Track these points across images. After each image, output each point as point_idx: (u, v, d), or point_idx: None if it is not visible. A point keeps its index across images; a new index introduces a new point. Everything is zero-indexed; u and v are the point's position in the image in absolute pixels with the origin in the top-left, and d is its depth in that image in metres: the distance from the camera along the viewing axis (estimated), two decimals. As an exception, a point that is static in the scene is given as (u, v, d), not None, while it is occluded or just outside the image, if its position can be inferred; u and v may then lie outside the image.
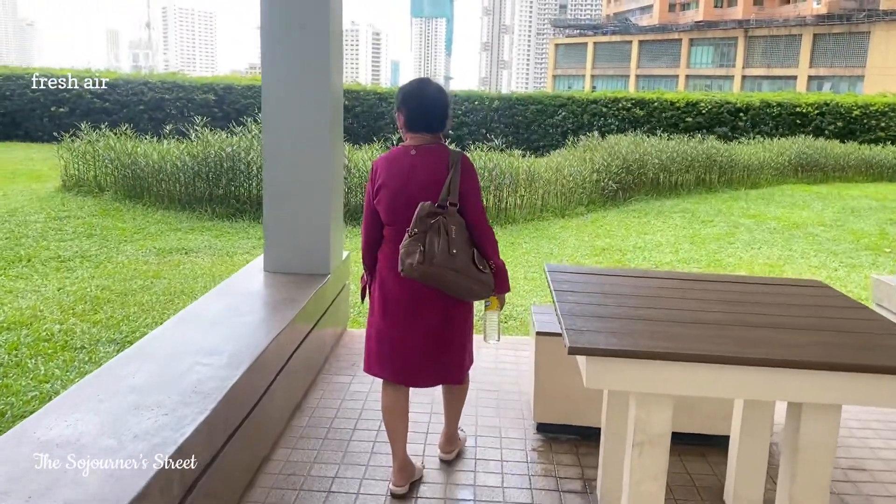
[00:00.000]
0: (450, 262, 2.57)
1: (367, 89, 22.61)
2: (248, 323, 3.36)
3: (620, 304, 2.56)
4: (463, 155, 2.74)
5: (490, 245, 2.74)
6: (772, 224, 10.33)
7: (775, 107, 20.68)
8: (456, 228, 2.61)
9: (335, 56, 4.22)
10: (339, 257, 4.63)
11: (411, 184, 2.69)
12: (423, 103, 2.75)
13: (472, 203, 2.70)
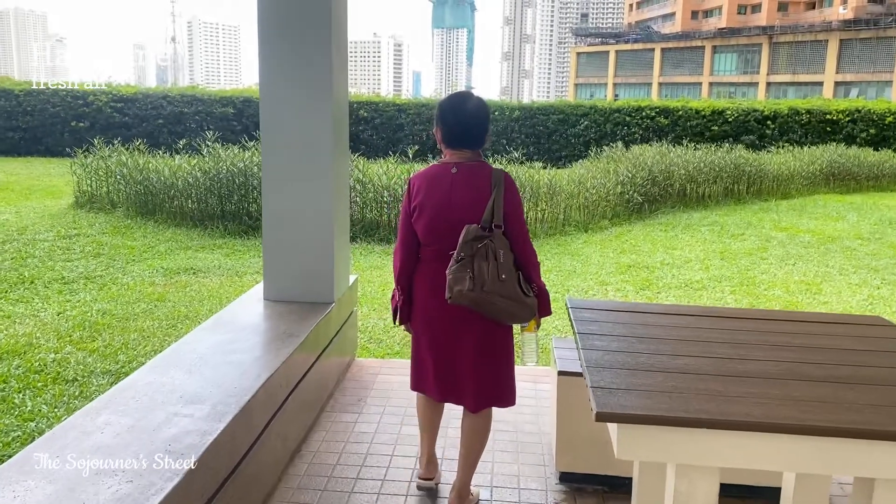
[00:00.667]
0: (500, 287, 2.49)
1: (386, 100, 22.41)
2: (239, 362, 3.05)
3: (654, 352, 2.21)
4: (506, 174, 2.63)
5: (534, 267, 2.65)
6: (805, 237, 9.86)
7: (804, 114, 20.13)
8: (504, 252, 2.52)
9: (338, 64, 3.92)
10: (346, 283, 4.32)
11: (453, 203, 2.61)
12: (460, 119, 2.66)
13: (516, 224, 2.60)
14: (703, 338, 2.37)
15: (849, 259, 8.54)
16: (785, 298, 6.74)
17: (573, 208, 10.61)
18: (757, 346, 2.30)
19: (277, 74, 3.82)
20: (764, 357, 2.20)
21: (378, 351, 5.06)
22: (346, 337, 4.35)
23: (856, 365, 2.16)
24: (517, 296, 2.52)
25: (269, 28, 3.80)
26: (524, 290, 2.55)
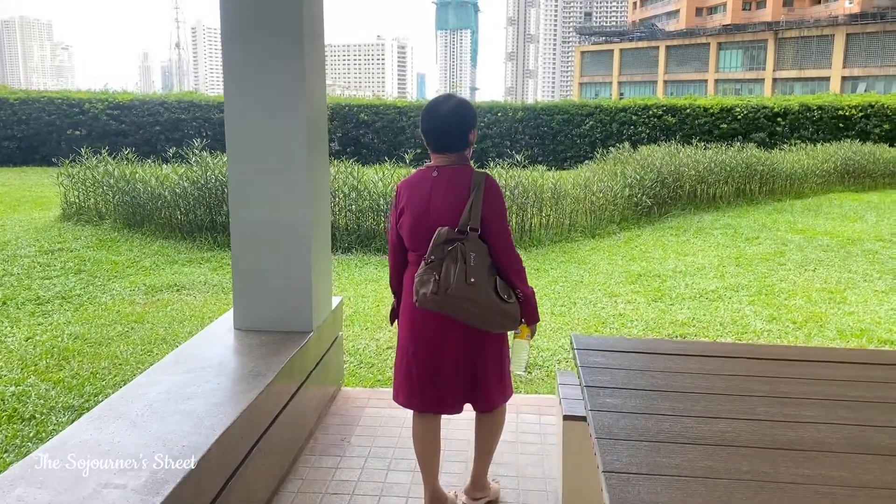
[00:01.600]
0: (467, 291, 2.42)
1: (387, 103, 22.02)
2: (193, 412, 2.63)
3: (680, 412, 1.79)
4: (487, 176, 2.57)
5: (515, 273, 2.55)
6: (824, 240, 9.40)
7: (816, 110, 19.62)
8: (475, 255, 2.45)
9: (313, 66, 3.50)
10: (327, 308, 3.90)
11: (433, 207, 2.58)
12: (437, 122, 2.61)
13: (495, 228, 2.52)
14: (740, 389, 1.94)
15: (872, 263, 8.07)
16: (807, 309, 6.29)
17: (579, 213, 10.17)
18: (806, 400, 1.87)
19: (243, 77, 3.40)
20: (817, 417, 1.77)
21: (368, 378, 4.63)
22: (328, 367, 3.93)
23: (935, 428, 1.73)
24: (490, 301, 2.45)
25: (233, 28, 3.39)
26: (501, 296, 2.48)
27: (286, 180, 3.46)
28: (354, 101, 22.39)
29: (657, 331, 5.67)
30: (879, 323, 5.86)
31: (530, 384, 4.58)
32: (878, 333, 5.58)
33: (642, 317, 6.04)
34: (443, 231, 2.47)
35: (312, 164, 3.52)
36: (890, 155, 15.52)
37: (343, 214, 8.81)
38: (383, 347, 5.17)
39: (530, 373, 4.78)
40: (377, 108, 21.58)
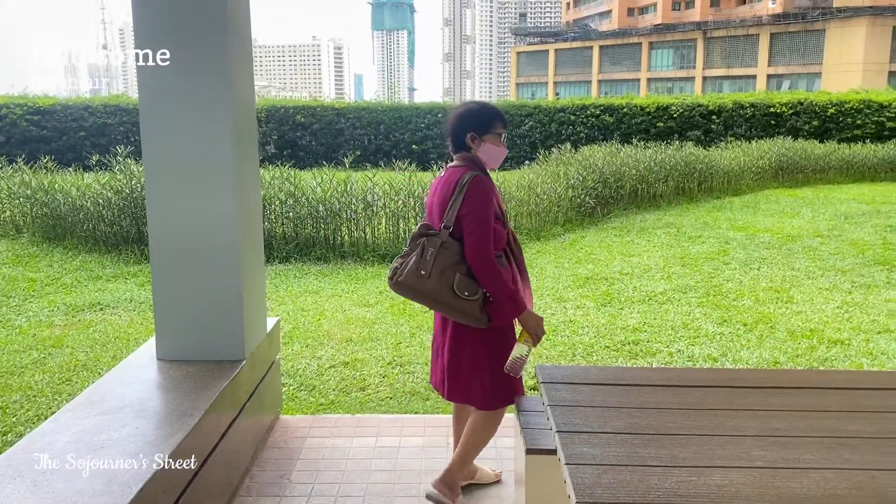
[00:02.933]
0: (417, 283, 2.62)
1: (324, 104, 21.55)
2: (103, 468, 2.29)
3: (668, 461, 1.56)
4: (474, 178, 2.66)
5: (481, 274, 2.63)
6: (765, 237, 9.47)
7: (748, 108, 20.05)
8: (434, 251, 2.62)
9: (240, 67, 3.17)
10: (262, 331, 3.57)
11: (432, 205, 2.81)
12: (445, 126, 2.84)
13: (466, 228, 2.64)
14: (729, 428, 1.73)
15: (813, 260, 8.14)
16: (756, 309, 6.24)
17: (524, 215, 10.01)
18: (804, 439, 1.67)
19: (161, 80, 3.05)
20: (820, 462, 1.56)
21: (309, 402, 4.31)
22: (264, 396, 3.60)
23: (949, 469, 1.54)
24: (443, 295, 2.62)
25: (149, 27, 3.03)
26: (456, 292, 2.60)
27: (211, 191, 3.12)
28: (290, 103, 21.84)
29: (609, 337, 5.52)
30: (827, 322, 5.84)
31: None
32: (828, 333, 5.54)
33: (593, 322, 5.88)
34: (420, 226, 2.72)
35: (241, 173, 3.18)
36: (820, 151, 15.92)
37: (280, 222, 8.42)
38: (325, 367, 4.85)
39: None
40: (314, 110, 21.09)
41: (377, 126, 21.17)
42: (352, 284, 7.05)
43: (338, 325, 5.77)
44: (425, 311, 6.14)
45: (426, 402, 4.26)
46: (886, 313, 6.07)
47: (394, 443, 3.60)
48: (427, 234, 2.67)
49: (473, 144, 2.74)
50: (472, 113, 2.77)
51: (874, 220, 10.72)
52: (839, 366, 4.93)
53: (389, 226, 8.61)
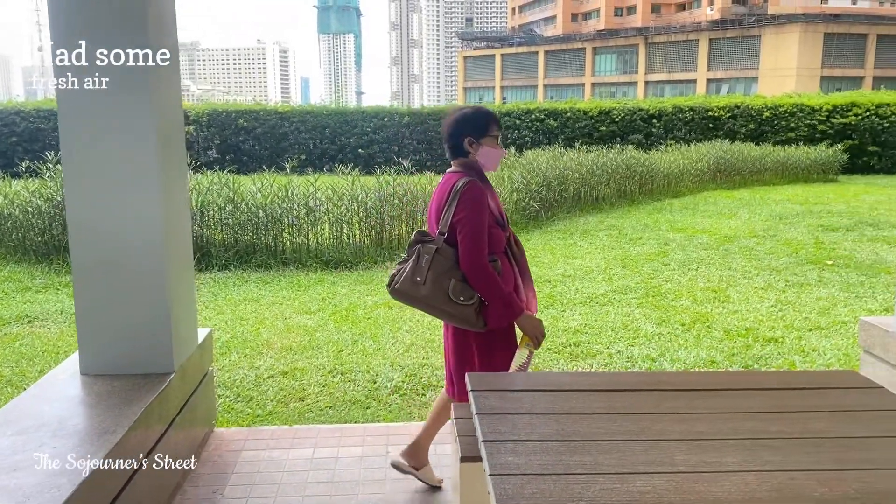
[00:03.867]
0: (413, 289, 2.67)
1: (267, 108, 21.25)
2: (19, 489, 2.16)
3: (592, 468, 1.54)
4: (468, 184, 2.67)
5: (474, 279, 2.65)
6: (703, 238, 9.68)
7: (687, 111, 20.53)
8: (429, 258, 2.66)
9: (165, 69, 3.07)
10: (193, 342, 3.46)
11: (430, 211, 2.86)
12: (443, 133, 2.87)
13: (459, 235, 2.66)
14: (654, 433, 1.73)
15: (749, 260, 8.35)
16: (694, 309, 6.36)
17: (468, 219, 10.00)
18: (727, 442, 1.68)
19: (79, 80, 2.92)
20: (741, 464, 1.57)
21: (246, 414, 4.21)
22: (196, 409, 3.49)
23: (866, 468, 1.57)
24: (438, 301, 2.65)
25: (66, 25, 2.91)
26: (451, 297, 2.63)
27: (133, 196, 3.00)
28: (233, 107, 21.46)
29: (551, 339, 5.54)
30: (762, 321, 5.98)
31: (425, 408, 4.30)
32: (762, 332, 5.68)
33: (536, 326, 5.89)
34: (415, 233, 2.76)
35: (166, 178, 3.08)
36: (756, 153, 16.39)
37: (219, 229, 8.24)
38: (264, 377, 4.75)
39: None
40: (257, 114, 20.78)
41: (322, 130, 20.98)
42: (293, 292, 6.94)
43: (278, 333, 5.66)
44: (369, 318, 6.08)
45: (366, 410, 4.20)
46: (818, 311, 6.25)
47: (332, 454, 3.54)
48: (422, 240, 2.71)
49: (472, 149, 2.77)
50: (467, 118, 2.80)
51: (807, 220, 11.07)
52: (773, 363, 5.05)
53: (333, 231, 8.51)
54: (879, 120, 19.51)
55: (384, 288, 7.04)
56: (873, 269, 7.76)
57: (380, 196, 8.61)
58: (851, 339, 5.42)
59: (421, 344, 5.37)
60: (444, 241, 2.68)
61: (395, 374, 4.72)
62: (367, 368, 4.84)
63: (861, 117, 19.56)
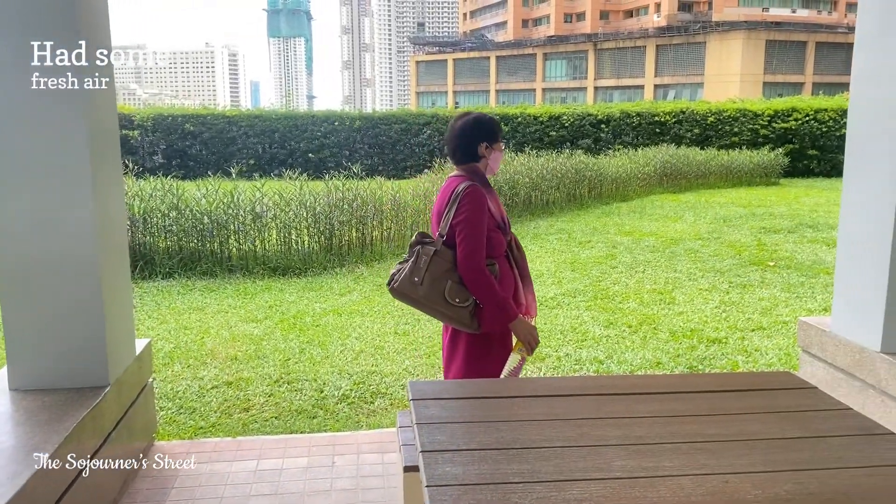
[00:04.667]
0: (411, 289, 2.72)
1: (215, 113, 20.90)
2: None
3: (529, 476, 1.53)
4: (470, 188, 2.73)
5: (470, 282, 2.70)
6: (650, 241, 9.84)
7: (634, 117, 20.88)
8: (427, 259, 2.71)
9: (96, 68, 2.96)
10: (130, 353, 3.35)
11: (433, 214, 2.91)
12: (446, 136, 2.92)
13: (457, 238, 2.72)
14: (593, 438, 1.72)
15: (694, 262, 8.51)
16: (640, 311, 6.45)
17: (421, 224, 9.99)
18: (664, 446, 1.69)
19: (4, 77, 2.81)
20: (678, 468, 1.58)
21: (188, 426, 4.10)
22: (135, 422, 3.38)
23: (798, 468, 1.59)
24: (435, 302, 2.70)
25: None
26: (447, 299, 2.68)
27: (63, 201, 2.89)
28: (179, 111, 21.05)
29: (501, 344, 5.54)
30: (707, 322, 6.10)
31: (373, 416, 4.25)
32: (707, 332, 5.78)
33: (486, 330, 5.90)
34: (416, 235, 2.80)
35: (99, 184, 2.97)
36: (701, 157, 16.75)
37: (163, 236, 8.04)
38: (207, 387, 4.63)
39: None
40: (204, 118, 20.42)
41: (272, 134, 20.72)
42: (239, 299, 6.81)
43: (223, 342, 5.54)
44: (317, 325, 6.00)
45: (313, 420, 4.13)
46: (760, 311, 6.40)
47: (276, 465, 3.46)
48: (422, 241, 2.77)
49: (486, 153, 2.85)
50: (483, 124, 2.86)
51: (750, 222, 11.35)
52: (717, 364, 5.14)
53: (281, 237, 8.38)
54: (818, 125, 20.16)
55: (333, 295, 7.02)
56: (813, 270, 7.99)
57: (329, 201, 8.51)
58: (792, 339, 5.56)
59: (370, 351, 5.32)
60: (444, 243, 2.74)
61: (343, 383, 4.66)
62: (315, 377, 4.77)
63: (801, 122, 20.19)
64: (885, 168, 3.06)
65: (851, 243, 3.34)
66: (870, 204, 3.16)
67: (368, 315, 6.29)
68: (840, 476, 1.57)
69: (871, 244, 3.15)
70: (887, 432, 1.80)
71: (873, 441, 1.73)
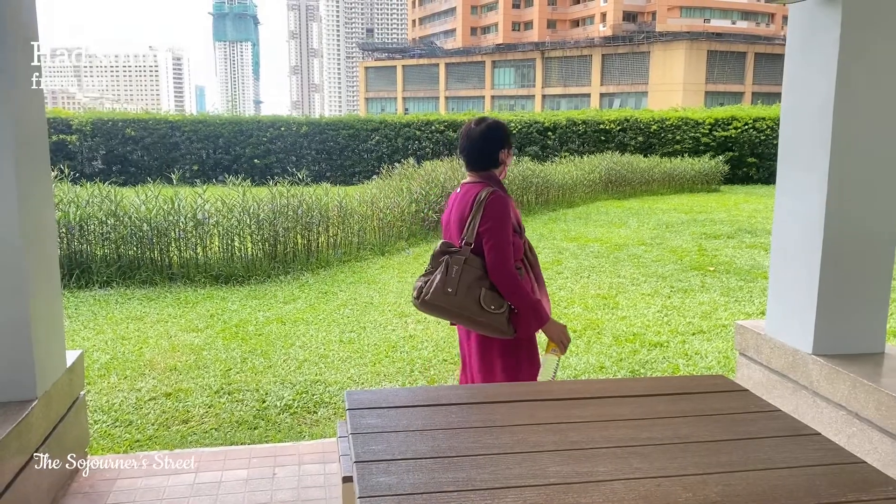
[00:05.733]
0: (445, 300, 2.67)
1: (157, 118, 20.43)
2: None
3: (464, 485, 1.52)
4: (493, 194, 2.74)
5: (504, 287, 2.71)
6: (595, 247, 9.98)
7: (580, 124, 21.20)
8: (459, 268, 2.69)
9: (22, 74, 2.86)
10: (60, 365, 3.23)
11: (450, 221, 2.89)
12: (463, 143, 2.87)
13: (486, 245, 2.72)
14: (528, 445, 1.72)
15: (637, 267, 8.66)
16: (585, 316, 6.53)
17: (368, 230, 9.94)
18: (599, 451, 1.70)
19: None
20: (612, 473, 1.59)
21: (124, 439, 3.97)
22: (65, 437, 3.25)
23: (728, 470, 1.62)
24: (470, 310, 2.66)
25: None
26: (483, 306, 2.66)
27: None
28: (120, 116, 20.53)
29: (447, 350, 5.54)
30: (649, 326, 6.20)
31: (316, 426, 4.19)
32: (649, 337, 5.88)
33: (432, 337, 5.89)
34: (440, 245, 2.77)
35: (25, 191, 2.86)
36: (645, 164, 17.11)
37: (100, 244, 7.80)
38: (145, 399, 4.50)
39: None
40: (146, 123, 19.95)
41: (216, 140, 20.37)
42: (180, 308, 6.65)
43: (162, 353, 5.39)
44: (260, 334, 5.90)
45: (254, 431, 4.05)
46: (700, 315, 6.54)
47: (215, 478, 3.38)
48: (449, 251, 2.74)
49: (506, 159, 2.89)
50: (503, 130, 2.90)
51: (691, 228, 11.62)
52: (658, 367, 5.23)
53: (223, 245, 8.22)
54: (757, 133, 20.79)
55: (277, 303, 6.91)
56: (751, 275, 8.21)
57: (273, 207, 8.39)
58: (730, 342, 5.70)
59: (314, 360, 5.25)
60: (472, 251, 2.73)
61: (286, 392, 4.59)
62: (257, 387, 4.68)
63: (740, 131, 20.79)
64: (814, 175, 3.16)
65: (784, 248, 3.43)
66: (801, 210, 3.26)
67: (313, 323, 6.21)
68: (767, 477, 1.60)
69: (802, 249, 3.25)
70: (813, 432, 1.85)
71: (799, 441, 1.77)
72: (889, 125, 3.07)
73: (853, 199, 3.10)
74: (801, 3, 3.11)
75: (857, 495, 1.53)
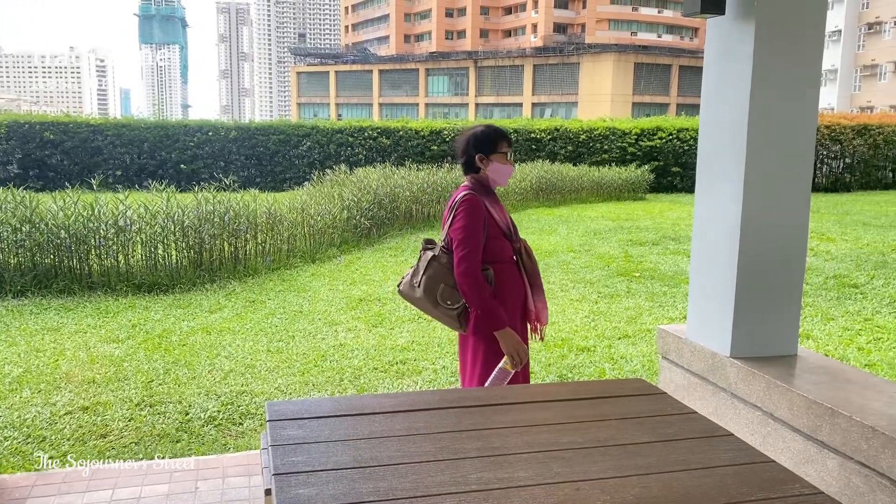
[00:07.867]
0: (410, 291, 2.96)
1: (77, 121, 19.69)
2: None
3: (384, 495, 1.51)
4: (466, 196, 2.89)
5: (462, 286, 2.84)
6: (526, 254, 10.09)
7: (512, 133, 21.44)
8: (427, 263, 2.90)
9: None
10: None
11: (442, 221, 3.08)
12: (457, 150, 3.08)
13: (452, 245, 2.89)
14: (451, 452, 1.72)
15: (566, 273, 8.81)
16: (516, 322, 6.58)
17: (298, 237, 9.79)
18: (520, 456, 1.71)
19: None
20: (532, 478, 1.60)
21: (36, 457, 3.78)
22: (-30, 456, 3.08)
23: (645, 472, 1.65)
24: (428, 304, 2.91)
25: None
26: (439, 301, 2.87)
27: None
28: (38, 118, 19.67)
29: (378, 358, 5.51)
30: (577, 331, 6.31)
31: (241, 438, 4.09)
32: (577, 341, 5.98)
33: (363, 345, 5.85)
34: (423, 241, 3.03)
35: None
36: (574, 173, 17.44)
37: (13, 252, 7.44)
38: (60, 413, 4.31)
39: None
40: (66, 126, 19.17)
41: (140, 144, 19.76)
42: (100, 318, 6.40)
43: (80, 365, 5.18)
44: (184, 344, 5.73)
45: (176, 444, 3.93)
46: (626, 320, 6.69)
47: (134, 494, 3.26)
48: (426, 247, 2.98)
49: (482, 165, 2.98)
50: (477, 136, 3.02)
51: (618, 235, 11.90)
52: (585, 371, 5.32)
53: (146, 252, 7.96)
54: (680, 143, 21.47)
55: (202, 312, 6.76)
56: (675, 280, 8.46)
57: (198, 214, 8.18)
58: (654, 346, 5.85)
59: (241, 370, 5.14)
60: (444, 249, 2.93)
61: (211, 404, 4.47)
62: (180, 399, 4.54)
63: (665, 141, 21.43)
64: (730, 184, 3.27)
65: (702, 255, 3.54)
66: (718, 217, 3.37)
67: (240, 333, 6.08)
68: (683, 478, 1.64)
69: (719, 256, 3.36)
70: (727, 433, 1.91)
71: (713, 443, 1.83)
72: (801, 135, 3.21)
73: (767, 209, 3.23)
74: (718, 18, 3.23)
75: (766, 493, 1.59)
